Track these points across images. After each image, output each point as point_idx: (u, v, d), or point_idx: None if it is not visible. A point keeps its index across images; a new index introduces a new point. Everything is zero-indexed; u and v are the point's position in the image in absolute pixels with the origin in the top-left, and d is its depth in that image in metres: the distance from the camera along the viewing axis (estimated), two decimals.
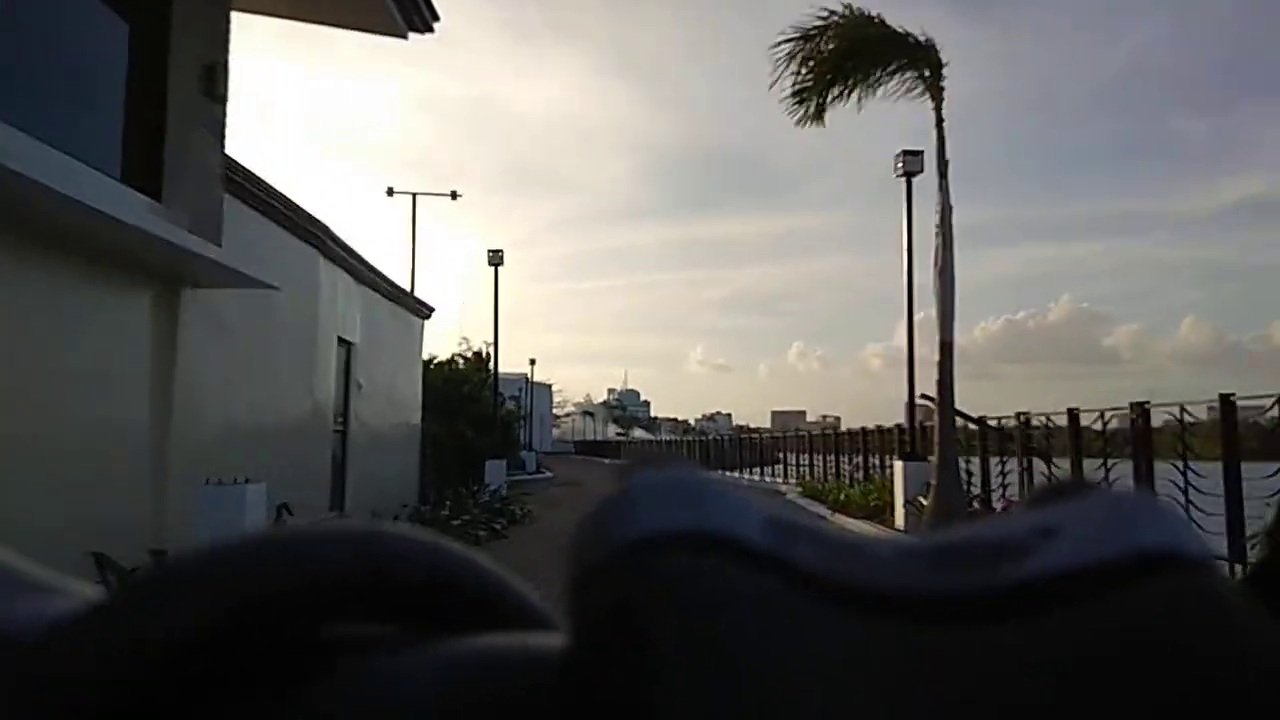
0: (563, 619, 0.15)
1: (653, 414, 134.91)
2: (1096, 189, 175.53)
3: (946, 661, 0.13)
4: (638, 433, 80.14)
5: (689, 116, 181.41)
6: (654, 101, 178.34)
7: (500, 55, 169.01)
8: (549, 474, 27.83)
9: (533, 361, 41.75)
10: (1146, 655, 0.13)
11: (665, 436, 40.47)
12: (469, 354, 27.44)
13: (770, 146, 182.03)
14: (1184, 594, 0.14)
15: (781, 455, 26.39)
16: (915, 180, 11.87)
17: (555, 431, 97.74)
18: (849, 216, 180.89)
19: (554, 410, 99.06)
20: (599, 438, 77.54)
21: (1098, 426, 9.18)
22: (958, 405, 10.54)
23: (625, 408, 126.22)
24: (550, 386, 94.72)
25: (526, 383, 36.99)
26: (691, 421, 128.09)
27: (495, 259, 22.49)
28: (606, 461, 45.74)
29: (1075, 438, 9.51)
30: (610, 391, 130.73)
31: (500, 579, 0.21)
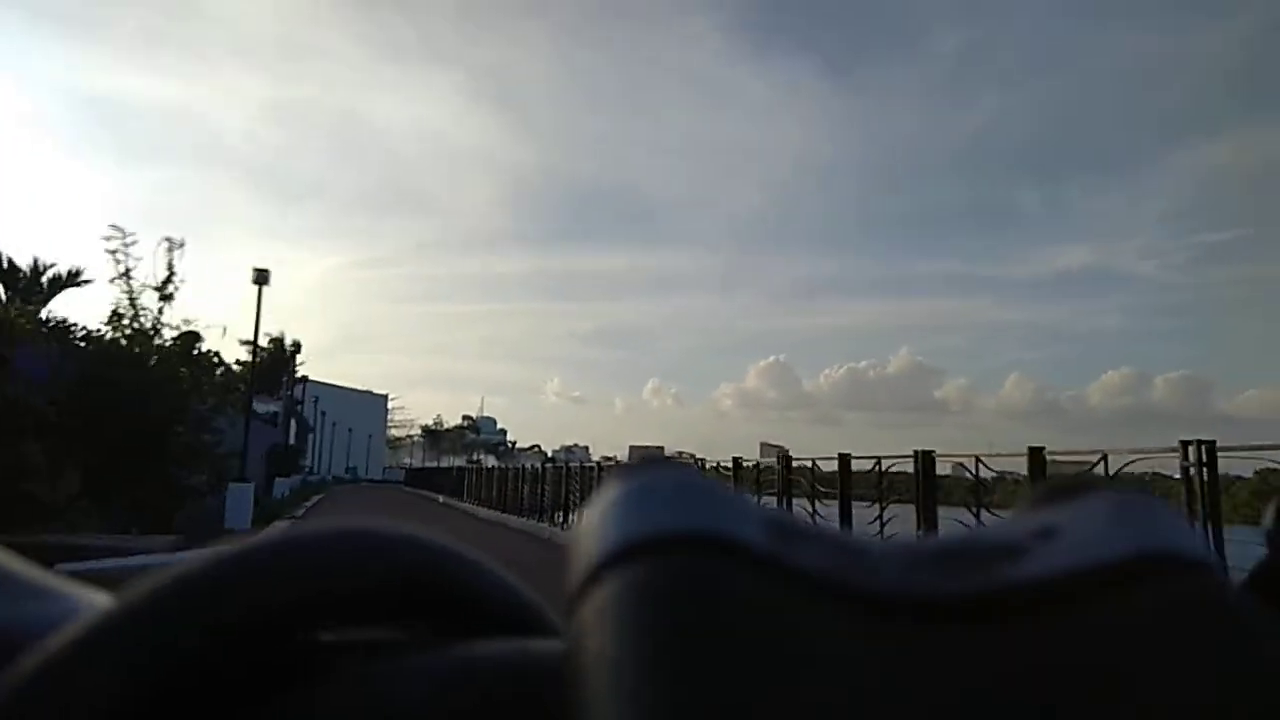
0: (563, 621, 0.15)
1: (510, 440, 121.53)
2: (939, 249, 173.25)
3: (947, 663, 0.13)
4: (490, 460, 65.80)
5: (563, 149, 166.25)
6: (527, 131, 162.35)
7: (367, 70, 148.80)
8: None
9: (286, 337, 24.62)
10: (1147, 656, 0.12)
11: (524, 464, 26.93)
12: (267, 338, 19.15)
13: (639, 185, 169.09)
14: (1184, 595, 0.13)
15: None
16: None
17: (389, 455, 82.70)
18: (712, 257, 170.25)
19: (390, 430, 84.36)
20: (443, 464, 63.23)
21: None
22: (804, 449, 4.29)
23: (480, 432, 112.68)
24: (385, 398, 79.73)
25: (293, 381, 22.09)
26: (549, 452, 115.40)
27: None
28: (440, 500, 30.14)
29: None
30: (465, 418, 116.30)
31: (503, 582, 0.20)
